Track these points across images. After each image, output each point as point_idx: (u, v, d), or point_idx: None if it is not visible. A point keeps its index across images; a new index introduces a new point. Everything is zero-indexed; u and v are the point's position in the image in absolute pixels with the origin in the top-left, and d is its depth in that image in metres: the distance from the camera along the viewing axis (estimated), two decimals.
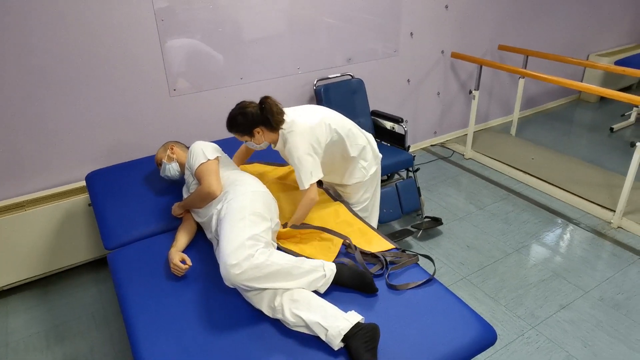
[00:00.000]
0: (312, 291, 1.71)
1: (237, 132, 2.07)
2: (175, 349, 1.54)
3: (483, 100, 4.49)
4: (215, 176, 2.01)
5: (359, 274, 1.76)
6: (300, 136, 2.02)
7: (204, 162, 2.04)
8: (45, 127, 2.55)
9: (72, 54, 2.48)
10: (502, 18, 4.19)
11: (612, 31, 5.30)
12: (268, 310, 1.66)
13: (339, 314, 1.58)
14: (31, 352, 2.26)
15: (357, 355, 1.46)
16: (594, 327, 2.33)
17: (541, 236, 3.03)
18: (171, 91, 2.84)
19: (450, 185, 3.66)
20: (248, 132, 2.05)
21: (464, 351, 1.55)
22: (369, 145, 2.32)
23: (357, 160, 2.27)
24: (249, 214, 1.78)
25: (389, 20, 3.53)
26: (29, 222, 2.50)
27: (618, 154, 4.07)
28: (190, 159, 2.11)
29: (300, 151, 2.01)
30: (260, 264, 1.62)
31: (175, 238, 2.02)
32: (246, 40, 2.98)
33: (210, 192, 1.96)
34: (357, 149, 2.25)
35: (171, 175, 2.27)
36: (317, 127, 2.07)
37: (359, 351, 1.46)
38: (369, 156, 2.32)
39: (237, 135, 2.09)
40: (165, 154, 2.28)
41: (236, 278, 1.60)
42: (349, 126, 2.22)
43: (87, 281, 2.72)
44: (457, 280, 2.66)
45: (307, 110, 2.14)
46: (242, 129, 2.04)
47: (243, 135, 2.08)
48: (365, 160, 2.30)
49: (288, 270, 1.67)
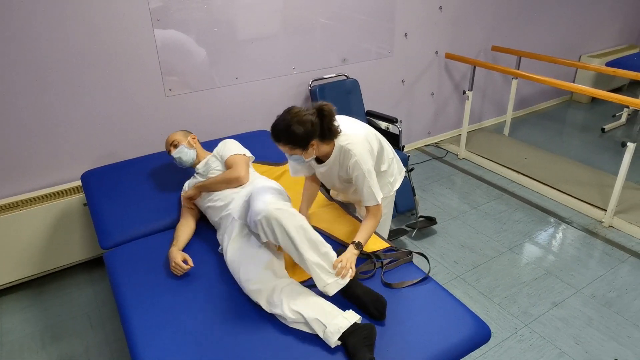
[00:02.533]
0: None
1: (290, 144, 1.73)
2: (172, 348, 1.55)
3: (476, 101, 4.53)
4: (246, 167, 2.16)
5: (376, 297, 1.66)
6: (362, 147, 1.83)
7: (239, 154, 2.19)
8: (41, 126, 2.54)
9: (67, 54, 2.48)
10: (495, 19, 4.23)
11: (604, 33, 5.36)
12: (266, 305, 1.67)
13: (338, 312, 1.59)
14: (26, 352, 2.26)
15: (354, 351, 1.47)
16: (585, 325, 2.36)
17: (534, 235, 3.06)
18: (167, 91, 2.84)
19: (444, 185, 3.69)
20: (304, 145, 1.74)
21: (458, 348, 1.57)
22: (395, 158, 2.15)
23: (386, 175, 2.08)
24: (277, 193, 1.88)
25: (383, 21, 3.55)
26: (24, 222, 2.49)
27: (609, 154, 4.12)
28: (222, 149, 2.23)
29: (369, 164, 1.83)
30: (296, 213, 1.70)
31: (175, 236, 2.03)
32: (241, 40, 2.98)
33: (239, 178, 2.08)
34: (387, 162, 2.07)
35: (185, 160, 2.27)
36: (368, 136, 1.90)
37: (356, 347, 1.48)
38: (396, 170, 2.14)
39: (287, 147, 1.75)
40: (185, 139, 2.32)
41: (271, 207, 1.65)
42: (382, 139, 2.03)
43: (82, 281, 2.72)
44: (452, 278, 2.69)
45: (346, 119, 1.95)
46: (298, 140, 1.71)
47: (295, 149, 1.75)
48: (392, 175, 2.11)
49: (316, 241, 1.68)
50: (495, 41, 4.32)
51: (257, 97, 3.19)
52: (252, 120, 3.20)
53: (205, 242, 2.08)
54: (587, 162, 3.96)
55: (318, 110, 1.75)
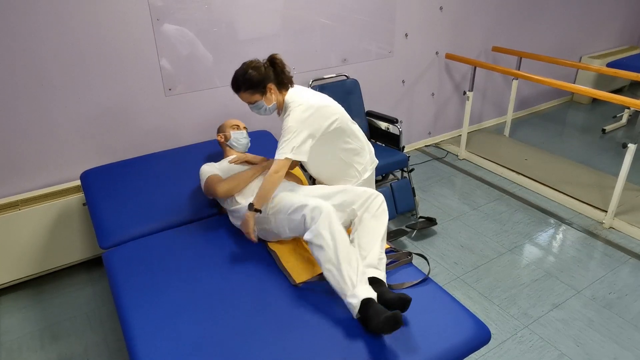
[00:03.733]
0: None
1: (248, 89, 1.96)
2: (171, 348, 1.54)
3: (477, 101, 4.52)
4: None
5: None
6: (301, 110, 1.95)
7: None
8: (39, 125, 2.53)
9: (66, 53, 2.47)
10: (496, 20, 4.22)
11: (605, 34, 5.35)
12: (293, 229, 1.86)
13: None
14: (25, 352, 2.25)
15: (381, 310, 1.54)
16: (585, 326, 2.35)
17: (534, 236, 3.06)
18: (166, 91, 2.83)
19: (444, 186, 3.68)
20: (261, 87, 1.96)
21: (458, 350, 1.56)
22: (368, 148, 2.27)
23: (352, 159, 2.20)
24: None
25: (383, 21, 3.55)
26: (23, 221, 2.48)
27: (610, 155, 4.11)
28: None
29: (293, 122, 1.92)
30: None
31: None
32: (241, 40, 2.98)
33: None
34: (354, 146, 2.17)
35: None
36: (322, 108, 2.00)
37: (382, 309, 1.55)
38: (365, 160, 2.25)
39: (247, 94, 1.98)
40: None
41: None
42: (348, 123, 2.15)
43: (81, 281, 2.71)
44: (451, 279, 2.68)
45: (317, 94, 2.10)
46: (255, 83, 1.94)
47: (254, 93, 1.97)
48: (360, 164, 2.22)
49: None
50: (496, 42, 4.31)
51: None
52: (252, 121, 3.20)
53: (206, 241, 2.07)
54: (588, 163, 3.95)
55: (270, 59, 1.99)
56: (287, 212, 1.89)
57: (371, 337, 1.57)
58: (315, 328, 1.62)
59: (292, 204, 1.88)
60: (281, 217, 1.91)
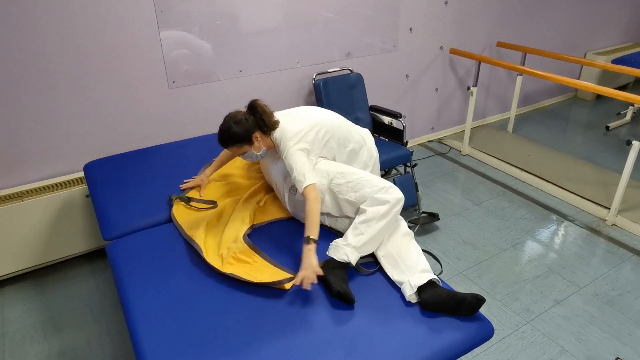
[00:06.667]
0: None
1: (236, 144, 1.95)
2: (174, 339, 1.55)
3: (481, 97, 4.51)
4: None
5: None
6: (293, 143, 1.95)
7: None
8: (44, 117, 2.53)
9: (70, 46, 2.46)
10: (500, 15, 4.20)
11: (610, 30, 5.32)
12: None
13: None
14: (28, 343, 2.26)
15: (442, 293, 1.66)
16: (587, 323, 2.36)
17: (536, 232, 3.05)
18: (170, 83, 2.83)
19: (447, 181, 3.68)
20: (247, 139, 1.95)
21: (460, 345, 1.57)
22: (365, 146, 2.23)
23: (354, 160, 2.19)
24: None
25: (388, 16, 3.53)
26: (26, 212, 2.49)
27: (613, 152, 4.10)
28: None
29: (292, 157, 1.93)
30: None
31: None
32: (245, 33, 2.97)
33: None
34: (354, 147, 2.17)
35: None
36: (310, 132, 2.01)
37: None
38: (363, 158, 2.22)
39: (236, 147, 1.96)
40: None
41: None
42: (341, 130, 2.12)
43: (84, 272, 2.72)
44: (454, 275, 2.68)
45: (298, 115, 2.09)
46: (240, 137, 1.93)
47: (242, 146, 1.96)
48: (357, 163, 2.20)
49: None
50: (501, 37, 4.29)
51: (261, 90, 3.17)
52: None
53: None
54: (591, 160, 3.94)
55: (249, 107, 1.99)
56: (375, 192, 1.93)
57: (372, 334, 1.57)
58: (319, 315, 1.62)
59: (377, 182, 1.95)
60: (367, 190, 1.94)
